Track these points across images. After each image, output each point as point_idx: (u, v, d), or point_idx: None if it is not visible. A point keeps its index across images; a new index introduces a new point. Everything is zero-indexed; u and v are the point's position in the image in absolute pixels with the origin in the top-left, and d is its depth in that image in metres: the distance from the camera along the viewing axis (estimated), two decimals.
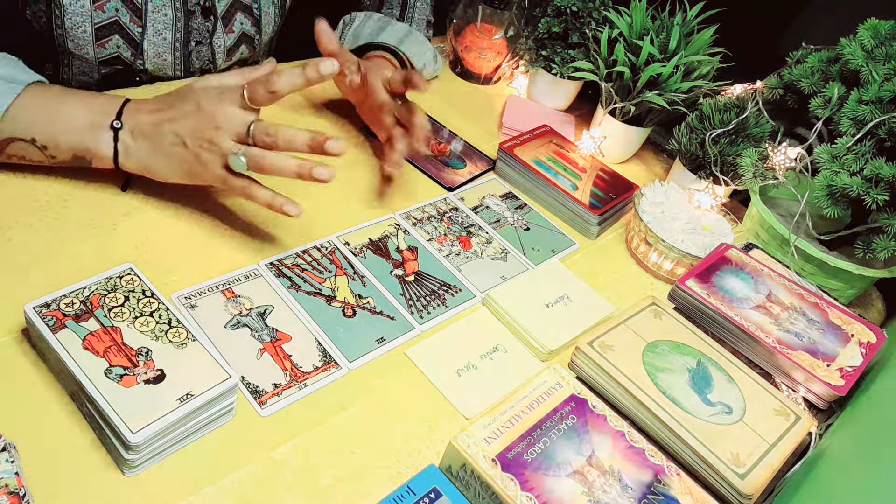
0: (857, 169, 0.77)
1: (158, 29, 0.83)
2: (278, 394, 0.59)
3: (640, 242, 0.86)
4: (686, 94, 0.95)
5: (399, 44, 0.96)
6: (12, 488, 0.45)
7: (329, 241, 0.75)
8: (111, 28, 0.80)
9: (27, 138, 0.65)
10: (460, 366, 0.67)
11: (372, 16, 1.00)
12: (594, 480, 0.54)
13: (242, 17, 0.90)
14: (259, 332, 0.63)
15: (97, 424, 0.51)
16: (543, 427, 0.57)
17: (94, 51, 0.80)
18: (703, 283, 0.77)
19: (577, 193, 0.89)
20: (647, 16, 0.97)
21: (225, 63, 0.92)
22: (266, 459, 0.55)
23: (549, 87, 1.09)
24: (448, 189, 0.88)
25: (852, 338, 0.75)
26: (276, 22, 0.96)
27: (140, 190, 0.73)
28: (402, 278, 0.74)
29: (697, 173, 0.95)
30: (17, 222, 0.66)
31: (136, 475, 0.51)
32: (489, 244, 0.82)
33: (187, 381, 0.52)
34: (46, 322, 0.53)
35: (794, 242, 0.83)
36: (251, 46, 0.94)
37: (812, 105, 0.85)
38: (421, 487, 0.52)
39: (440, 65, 1.07)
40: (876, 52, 0.81)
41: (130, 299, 0.56)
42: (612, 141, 1.01)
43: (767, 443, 0.62)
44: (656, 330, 0.70)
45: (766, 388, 0.67)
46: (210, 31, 0.87)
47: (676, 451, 0.61)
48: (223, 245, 0.71)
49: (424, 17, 1.04)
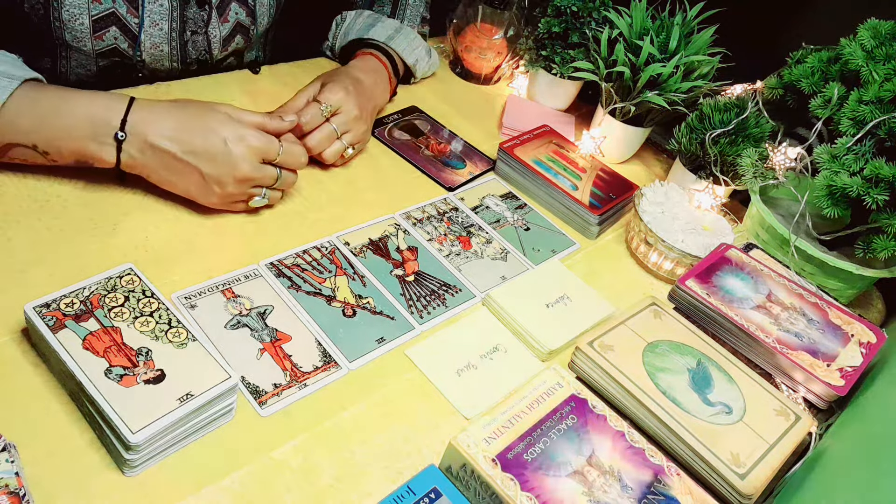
0: (857, 169, 0.77)
1: (154, 19, 0.83)
2: (278, 394, 0.59)
3: (640, 242, 0.86)
4: (686, 94, 0.95)
5: (388, 40, 0.97)
6: (12, 488, 0.45)
7: (329, 241, 0.75)
8: (108, 19, 0.80)
9: (28, 144, 0.65)
10: (460, 366, 0.67)
11: (362, 13, 1.00)
12: (594, 480, 0.54)
13: (237, 7, 0.90)
14: (259, 332, 0.63)
15: (97, 424, 0.51)
16: (543, 427, 0.57)
17: (92, 43, 0.80)
18: (703, 283, 0.77)
19: (577, 193, 0.89)
20: (647, 16, 0.97)
21: (221, 53, 0.92)
22: (266, 459, 0.55)
23: (549, 87, 1.09)
24: (448, 189, 0.88)
25: (852, 338, 0.75)
26: (271, 14, 0.97)
27: (140, 190, 0.73)
28: (402, 278, 0.74)
29: (697, 173, 0.95)
30: (17, 222, 0.66)
31: (136, 475, 0.51)
32: (489, 244, 0.82)
33: (187, 381, 0.52)
34: (46, 322, 0.53)
35: (794, 242, 0.83)
36: (246, 37, 0.94)
37: (812, 105, 0.85)
38: (421, 487, 0.52)
39: (435, 59, 1.07)
40: (876, 52, 0.81)
41: (130, 299, 0.56)
42: (612, 141, 1.01)
43: (767, 443, 0.62)
44: (656, 330, 0.70)
45: (766, 388, 0.67)
46: (205, 21, 0.87)
47: (676, 451, 0.61)
48: (223, 245, 0.71)
49: (419, 14, 1.04)
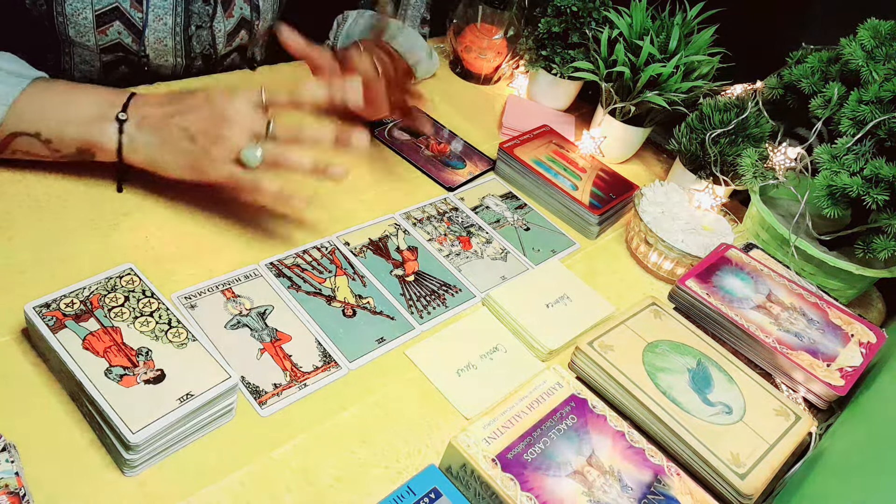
0: (857, 169, 0.77)
1: (159, 14, 0.83)
2: (278, 394, 0.59)
3: (640, 242, 0.86)
4: (686, 94, 0.95)
5: (390, 40, 0.97)
6: (12, 488, 0.45)
7: (329, 241, 0.75)
8: (112, 14, 0.80)
9: (32, 132, 0.65)
10: (460, 366, 0.67)
11: (364, 13, 1.00)
12: (594, 480, 0.54)
13: (241, 2, 0.90)
14: (259, 332, 0.63)
15: (97, 424, 0.51)
16: (543, 427, 0.57)
17: (96, 38, 0.80)
18: (703, 283, 0.77)
19: (577, 193, 0.89)
20: (647, 16, 0.97)
21: (225, 49, 0.92)
22: (266, 459, 0.55)
23: (549, 87, 1.09)
24: (448, 189, 0.88)
25: (852, 338, 0.75)
26: (275, 10, 0.97)
27: (140, 190, 0.73)
28: (402, 278, 0.74)
29: (697, 173, 0.95)
30: (17, 222, 0.66)
31: (136, 475, 0.51)
32: (489, 244, 0.82)
33: (187, 381, 0.52)
34: (46, 322, 0.53)
35: (794, 242, 0.83)
36: (250, 32, 0.95)
37: (812, 105, 0.85)
38: (421, 487, 0.52)
39: (436, 61, 1.07)
40: (876, 52, 0.81)
41: (130, 299, 0.56)
42: (612, 141, 1.01)
43: (767, 443, 0.62)
44: (656, 330, 0.70)
45: (766, 388, 0.67)
46: (210, 16, 0.87)
47: (676, 451, 0.61)
48: (223, 245, 0.71)
49: (419, 15, 1.04)
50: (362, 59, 0.81)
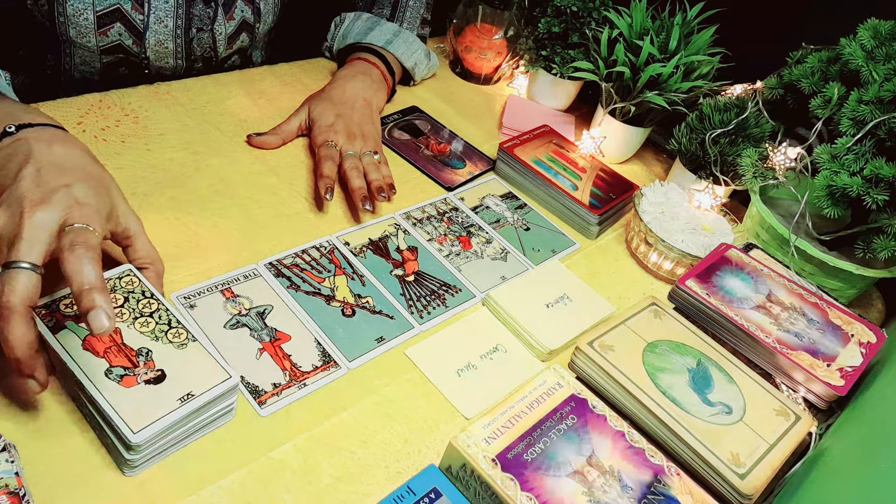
0: (857, 169, 0.77)
1: (160, 16, 0.83)
2: (278, 394, 0.59)
3: (640, 242, 0.86)
4: (686, 94, 0.95)
5: (386, 45, 0.97)
6: (12, 488, 0.45)
7: (328, 240, 0.75)
8: (113, 15, 0.80)
9: None
10: (460, 366, 0.67)
11: (361, 16, 1.00)
12: (594, 480, 0.54)
13: (242, 5, 0.91)
14: (258, 331, 0.63)
15: (97, 424, 0.51)
16: (543, 427, 0.57)
17: (96, 39, 0.80)
18: (703, 283, 0.77)
19: (577, 193, 0.89)
20: (647, 16, 0.97)
21: (226, 51, 0.92)
22: (266, 459, 0.55)
23: (549, 87, 1.09)
24: (448, 189, 0.88)
25: (852, 338, 0.75)
26: (276, 13, 0.97)
27: (140, 190, 0.73)
28: (402, 278, 0.74)
29: (697, 173, 0.95)
30: None
31: (136, 475, 0.51)
32: (489, 244, 0.82)
33: (188, 381, 0.52)
34: (46, 322, 0.53)
35: (794, 242, 0.83)
36: (251, 35, 0.95)
37: (812, 105, 0.85)
38: (421, 487, 0.52)
39: (434, 62, 1.07)
40: (876, 52, 0.81)
41: (130, 300, 0.56)
42: (612, 141, 1.01)
43: (767, 443, 0.62)
44: (656, 330, 0.70)
45: (766, 388, 0.67)
46: (211, 18, 0.87)
47: (676, 451, 0.61)
48: (223, 245, 0.71)
49: (419, 16, 1.04)
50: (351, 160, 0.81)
